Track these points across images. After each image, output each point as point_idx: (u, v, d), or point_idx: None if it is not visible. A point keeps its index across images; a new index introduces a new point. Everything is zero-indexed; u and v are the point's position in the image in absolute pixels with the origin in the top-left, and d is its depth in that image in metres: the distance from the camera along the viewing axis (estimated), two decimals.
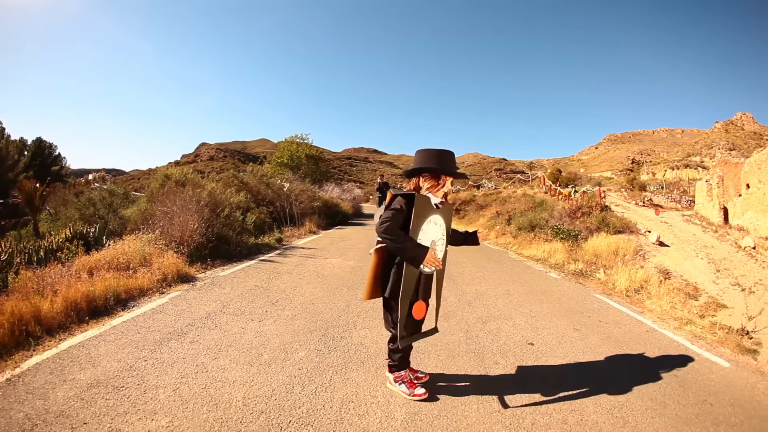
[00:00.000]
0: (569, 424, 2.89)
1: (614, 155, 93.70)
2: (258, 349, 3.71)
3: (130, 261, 5.77)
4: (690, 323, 5.56)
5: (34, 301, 3.98)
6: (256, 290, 5.66)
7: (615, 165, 79.01)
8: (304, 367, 3.43)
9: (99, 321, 4.15)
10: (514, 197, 21.58)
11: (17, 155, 32.64)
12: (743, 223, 12.98)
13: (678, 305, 6.49)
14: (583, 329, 4.95)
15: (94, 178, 57.73)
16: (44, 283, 4.56)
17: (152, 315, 4.41)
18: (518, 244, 12.71)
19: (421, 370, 3.44)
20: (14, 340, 3.52)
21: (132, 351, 3.51)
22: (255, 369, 3.33)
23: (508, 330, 4.71)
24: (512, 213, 17.23)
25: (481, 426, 2.79)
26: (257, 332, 4.11)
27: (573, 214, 13.99)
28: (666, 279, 8.09)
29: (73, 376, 3.05)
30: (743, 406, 3.40)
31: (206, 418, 2.63)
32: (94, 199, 10.53)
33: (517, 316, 5.26)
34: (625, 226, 12.81)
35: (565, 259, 10.04)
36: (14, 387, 2.88)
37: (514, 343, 4.34)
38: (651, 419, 3.05)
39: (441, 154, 2.95)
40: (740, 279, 8.58)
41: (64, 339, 3.70)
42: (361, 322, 4.59)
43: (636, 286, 7.33)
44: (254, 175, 15.22)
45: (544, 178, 29.69)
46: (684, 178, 37.41)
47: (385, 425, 2.72)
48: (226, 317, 4.49)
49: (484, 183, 42.37)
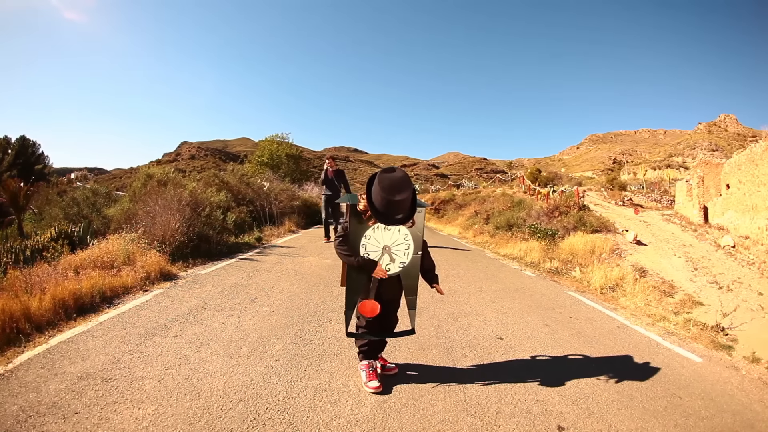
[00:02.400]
0: (533, 414, 3.03)
1: (596, 155, 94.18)
2: (237, 343, 3.91)
3: (114, 260, 5.91)
4: (663, 320, 5.71)
5: (24, 299, 4.13)
6: (235, 287, 5.83)
7: (596, 165, 79.41)
8: (281, 359, 3.64)
9: (86, 318, 4.31)
10: (493, 197, 21.80)
11: (1, 154, 32.23)
12: (723, 222, 13.32)
13: (653, 302, 6.69)
14: (554, 325, 5.13)
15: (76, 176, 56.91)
16: (32, 281, 4.68)
17: (137, 311, 4.58)
18: (495, 243, 12.98)
19: (391, 362, 3.61)
20: (5, 337, 3.65)
21: (119, 345, 3.69)
22: (234, 361, 3.53)
23: (478, 325, 4.90)
24: (490, 212, 17.50)
25: (447, 414, 2.95)
26: (237, 327, 4.31)
27: (551, 214, 14.24)
28: (642, 277, 8.32)
29: (63, 369, 3.22)
30: (714, 400, 3.52)
31: (189, 406, 2.82)
32: (78, 199, 10.58)
33: (488, 312, 5.45)
34: (603, 225, 13.11)
35: (541, 257, 10.29)
36: (8, 381, 3.01)
37: (484, 337, 4.52)
38: (617, 411, 3.17)
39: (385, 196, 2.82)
40: (718, 277, 8.79)
41: (53, 335, 3.85)
42: (336, 317, 4.79)
43: (611, 284, 7.54)
44: (235, 174, 15.24)
45: (523, 177, 30.01)
46: (665, 178, 37.88)
47: (356, 412, 2.90)
48: (207, 313, 4.68)
49: (464, 183, 42.44)
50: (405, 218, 2.97)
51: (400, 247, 3.14)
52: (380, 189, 2.81)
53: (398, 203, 2.84)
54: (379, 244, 3.09)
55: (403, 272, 3.19)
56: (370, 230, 3.05)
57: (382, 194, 2.81)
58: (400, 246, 3.14)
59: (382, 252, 3.10)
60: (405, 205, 2.89)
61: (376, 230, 3.06)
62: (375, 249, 3.09)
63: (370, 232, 3.06)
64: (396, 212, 2.89)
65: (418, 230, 3.18)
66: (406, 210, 2.93)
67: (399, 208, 2.88)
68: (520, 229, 13.32)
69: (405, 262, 3.17)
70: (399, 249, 3.14)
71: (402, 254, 3.16)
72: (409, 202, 2.92)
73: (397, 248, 3.13)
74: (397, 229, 3.09)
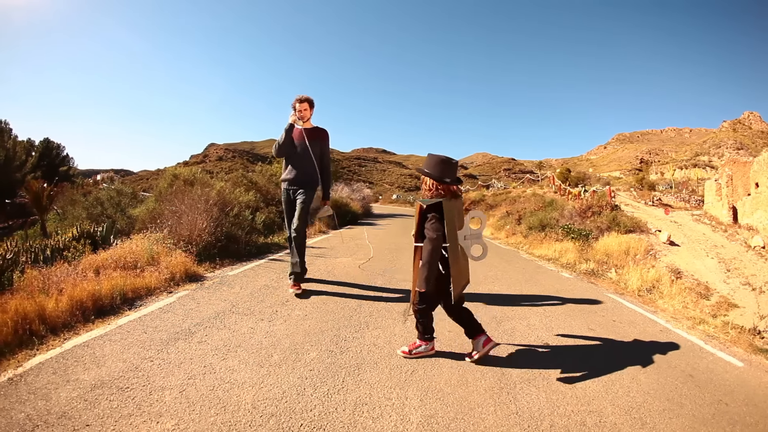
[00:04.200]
0: (588, 426, 2.83)
1: (623, 155, 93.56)
2: (268, 350, 3.59)
3: (137, 260, 5.66)
4: (703, 323, 5.52)
5: (39, 299, 3.89)
6: (265, 289, 5.53)
7: (624, 165, 78.90)
8: (316, 368, 3.31)
9: (105, 320, 4.04)
10: (523, 197, 21.53)
11: (24, 156, 32.90)
12: (752, 222, 12.89)
13: (690, 305, 6.48)
14: (598, 329, 4.85)
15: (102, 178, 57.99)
16: (50, 281, 4.46)
17: (159, 314, 4.29)
18: (529, 244, 12.63)
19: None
20: (17, 338, 3.41)
21: (138, 351, 3.40)
22: (265, 370, 3.22)
23: (522, 330, 4.60)
24: (522, 213, 17.13)
25: (499, 429, 2.70)
26: (267, 332, 3.99)
27: (583, 214, 13.86)
28: (677, 279, 8.06)
29: (76, 376, 2.94)
30: (758, 406, 3.38)
31: (214, 420, 2.52)
32: (102, 199, 10.48)
33: (531, 316, 5.15)
34: (636, 226, 12.71)
35: (577, 258, 9.96)
36: (16, 386, 2.77)
37: (530, 342, 4.23)
38: (669, 420, 3.01)
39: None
40: (750, 279, 8.61)
41: (68, 338, 3.59)
42: (373, 322, 4.46)
43: (648, 286, 7.29)
44: (263, 174, 15.09)
45: (553, 177, 29.53)
46: (693, 178, 37.16)
47: (401, 428, 2.61)
48: (235, 317, 4.37)
49: (494, 183, 42.32)
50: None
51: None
52: (442, 161, 3.53)
53: (456, 164, 3.54)
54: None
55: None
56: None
57: (446, 163, 3.52)
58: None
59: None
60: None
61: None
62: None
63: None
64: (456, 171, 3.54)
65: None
66: None
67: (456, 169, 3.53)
68: (554, 230, 12.92)
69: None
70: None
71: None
72: None
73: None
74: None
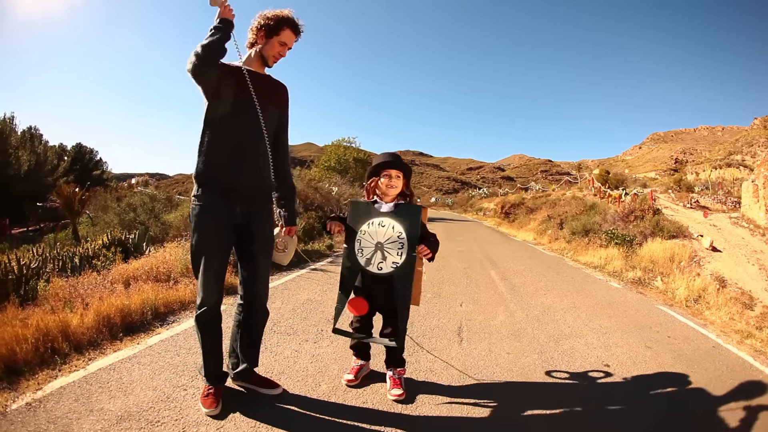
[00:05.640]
0: None
1: (658, 155, 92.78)
2: (315, 378, 3.19)
3: (170, 270, 5.39)
4: (750, 336, 5.30)
5: (63, 315, 3.62)
6: (309, 304, 5.18)
7: (659, 165, 78.11)
8: (369, 401, 2.90)
9: (134, 338, 3.73)
10: (563, 200, 21.16)
11: (56, 160, 33.58)
12: None
13: (736, 316, 6.32)
14: (655, 347, 4.53)
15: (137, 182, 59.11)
16: (76, 293, 4.22)
17: (193, 333, 3.83)
18: (573, 250, 12.35)
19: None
20: (38, 357, 3.14)
21: (169, 377, 3.04)
22: (312, 401, 2.84)
23: (581, 350, 4.24)
24: (564, 217, 16.76)
25: None
26: (313, 356, 3.61)
27: (626, 218, 13.39)
28: (722, 287, 7.87)
29: (101, 405, 2.61)
30: None
31: None
32: (135, 204, 10.34)
33: (588, 334, 4.78)
34: (679, 231, 12.26)
35: (623, 266, 9.67)
36: (34, 413, 2.49)
37: (590, 364, 3.89)
38: None
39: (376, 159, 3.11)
40: None
41: (93, 358, 3.29)
42: (427, 343, 4.05)
43: (695, 296, 7.10)
44: (302, 179, 14.96)
45: (593, 180, 28.78)
46: (727, 178, 36.11)
47: None
48: (276, 337, 3.99)
49: (532, 185, 42.05)
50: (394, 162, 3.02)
51: (394, 245, 2.84)
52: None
53: (382, 155, 3.05)
54: (373, 240, 2.88)
55: (396, 275, 2.85)
56: (365, 224, 2.91)
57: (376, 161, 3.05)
58: (394, 244, 2.84)
59: (375, 249, 2.88)
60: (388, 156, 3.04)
61: (371, 225, 2.90)
62: (368, 245, 2.89)
63: (365, 227, 2.91)
64: (385, 160, 3.00)
65: (410, 224, 2.85)
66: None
67: (385, 157, 3.02)
68: (597, 235, 12.62)
69: (398, 262, 2.83)
70: (392, 247, 2.84)
71: (395, 253, 2.83)
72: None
73: (390, 246, 2.85)
74: (392, 225, 2.85)
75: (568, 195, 23.34)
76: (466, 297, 6.09)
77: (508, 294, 6.44)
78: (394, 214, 2.86)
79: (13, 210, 24.43)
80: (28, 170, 26.88)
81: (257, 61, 2.78)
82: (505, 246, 14.15)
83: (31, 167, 27.46)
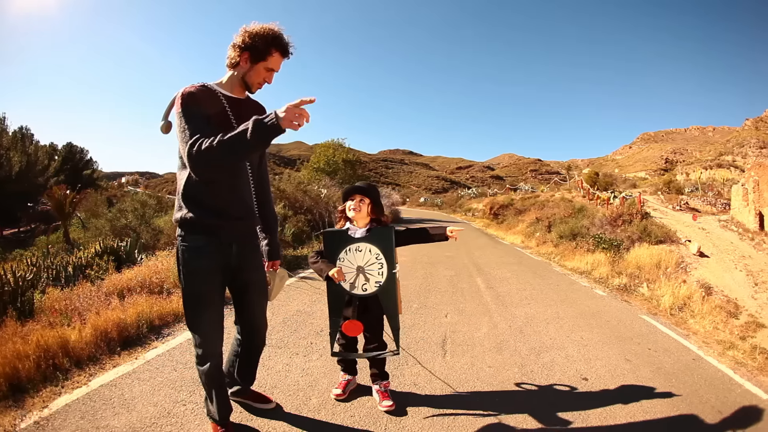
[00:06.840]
0: None
1: (648, 155, 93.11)
2: (305, 392, 3.33)
3: (163, 281, 5.47)
4: (732, 347, 5.36)
5: (61, 331, 3.73)
6: (298, 316, 5.25)
7: (649, 165, 78.47)
8: (357, 414, 3.05)
9: (131, 353, 3.85)
10: (552, 201, 21.33)
11: (47, 160, 33.34)
12: None
13: (720, 325, 6.37)
14: (635, 360, 4.62)
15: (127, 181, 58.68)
16: (72, 307, 4.32)
17: (189, 347, 4.02)
18: (560, 255, 12.43)
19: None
20: (41, 374, 3.25)
21: (169, 393, 3.18)
22: (302, 418, 2.98)
23: (561, 362, 4.35)
24: (552, 219, 16.90)
25: None
26: (303, 370, 3.73)
27: (614, 222, 13.56)
28: (708, 295, 7.97)
29: (106, 422, 2.74)
30: None
31: None
32: (126, 210, 10.37)
33: (569, 346, 4.89)
34: (666, 236, 12.53)
35: (609, 272, 9.72)
36: None
37: (569, 378, 3.98)
38: None
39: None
40: None
41: (94, 374, 3.41)
42: (419, 355, 4.19)
43: (679, 304, 7.16)
44: (291, 182, 14.96)
45: (581, 181, 28.98)
46: (717, 179, 36.42)
47: None
48: (268, 350, 4.03)
49: (521, 186, 42.13)
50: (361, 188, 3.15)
51: (374, 267, 3.06)
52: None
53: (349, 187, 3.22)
54: (353, 265, 3.05)
55: (380, 292, 3.09)
56: (343, 252, 3.05)
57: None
58: (374, 266, 3.05)
59: (357, 273, 3.06)
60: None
61: (349, 252, 3.05)
62: (349, 270, 3.05)
63: (343, 254, 3.05)
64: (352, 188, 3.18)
65: (383, 245, 3.06)
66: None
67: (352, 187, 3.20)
68: (585, 239, 12.72)
69: (381, 281, 3.06)
70: (372, 269, 3.06)
71: (376, 273, 3.06)
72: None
73: (370, 268, 3.05)
74: (368, 248, 3.04)
75: (557, 197, 23.53)
76: (452, 307, 6.17)
77: (493, 304, 6.51)
78: (367, 239, 3.04)
79: (4, 211, 24.29)
80: (19, 171, 26.67)
81: (239, 87, 2.47)
82: (492, 250, 14.19)
83: (23, 168, 27.20)
